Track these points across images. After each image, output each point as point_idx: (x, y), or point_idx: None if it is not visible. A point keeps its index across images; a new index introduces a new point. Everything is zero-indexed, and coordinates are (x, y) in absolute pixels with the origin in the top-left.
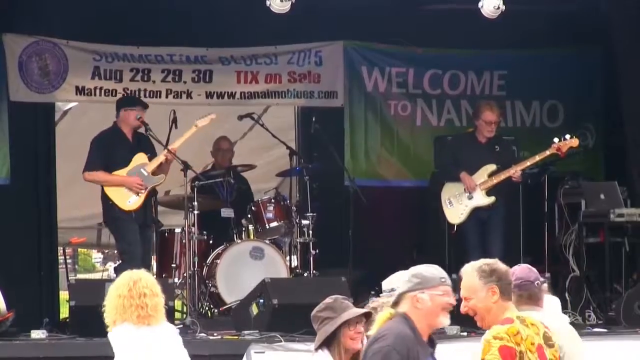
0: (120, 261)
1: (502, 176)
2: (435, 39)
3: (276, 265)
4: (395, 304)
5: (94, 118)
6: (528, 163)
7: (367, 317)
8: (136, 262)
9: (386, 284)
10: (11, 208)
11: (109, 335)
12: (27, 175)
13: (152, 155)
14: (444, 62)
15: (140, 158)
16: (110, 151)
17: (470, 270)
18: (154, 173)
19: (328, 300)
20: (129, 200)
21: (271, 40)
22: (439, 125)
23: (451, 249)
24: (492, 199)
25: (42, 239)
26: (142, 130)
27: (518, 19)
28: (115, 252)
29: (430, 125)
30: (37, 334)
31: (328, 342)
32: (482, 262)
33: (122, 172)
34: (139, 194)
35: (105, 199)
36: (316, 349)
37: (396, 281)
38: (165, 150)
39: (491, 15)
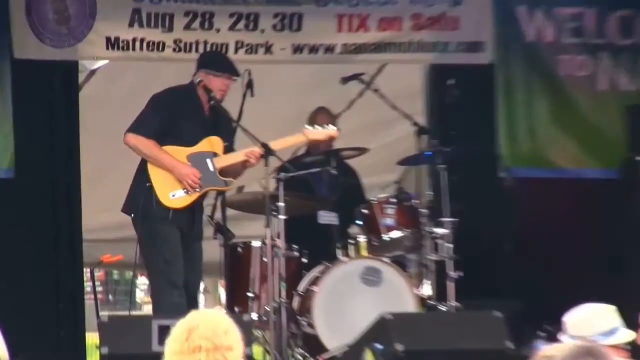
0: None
1: None
2: None
3: (399, 293)
4: None
5: (133, 83)
6: None
7: None
8: (177, 290)
9: (577, 322)
10: (16, 212)
11: None
12: (38, 165)
13: (229, 145)
14: None
15: (213, 143)
16: (175, 118)
17: None
18: (222, 172)
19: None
20: (172, 193)
21: None
22: (631, 90)
23: None
24: None
25: (61, 256)
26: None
27: None
28: None
29: (619, 90)
30: None
31: None
32: None
33: (182, 153)
34: (189, 193)
35: (141, 178)
36: None
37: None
38: (252, 149)
39: None
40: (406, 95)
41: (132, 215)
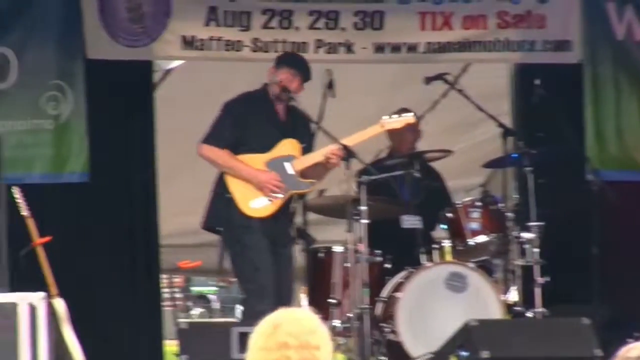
0: (243, 295)
1: None
2: None
3: (485, 300)
4: None
5: (209, 82)
6: None
7: None
8: (267, 298)
9: None
10: (91, 216)
11: None
12: (113, 168)
13: (308, 146)
14: None
15: (289, 146)
16: (248, 125)
17: None
18: (303, 174)
19: None
20: (253, 202)
21: None
22: None
23: None
24: None
25: (138, 262)
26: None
27: None
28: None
29: None
30: None
31: None
32: None
33: (258, 160)
34: (271, 200)
35: (219, 190)
36: None
37: None
38: (331, 148)
39: None
40: (491, 95)
41: (217, 228)
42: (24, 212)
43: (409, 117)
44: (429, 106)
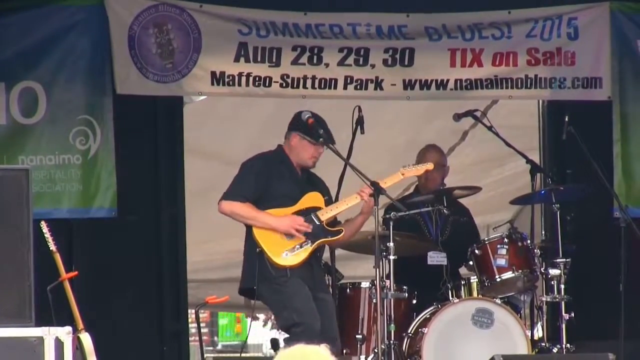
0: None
1: None
2: None
3: (511, 335)
4: None
5: (235, 100)
6: None
7: None
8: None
9: None
10: (118, 252)
11: None
12: (141, 204)
13: (329, 199)
14: None
15: (313, 199)
16: (270, 181)
17: None
18: (330, 224)
19: None
20: (285, 253)
21: (501, 3)
22: None
23: None
24: None
25: (165, 297)
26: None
27: None
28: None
29: None
30: None
31: None
32: None
33: (283, 213)
34: (302, 246)
35: (249, 248)
36: None
37: None
38: (366, 191)
39: None
40: (521, 130)
41: (254, 287)
42: (52, 246)
43: (427, 165)
44: (459, 138)
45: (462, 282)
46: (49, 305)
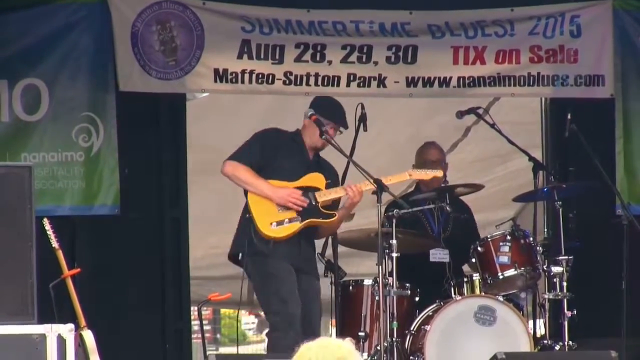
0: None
1: None
2: None
3: (513, 333)
4: None
5: (227, 111)
6: None
7: None
8: (294, 330)
9: None
10: (121, 249)
11: None
12: (144, 202)
13: (332, 183)
14: None
15: (315, 179)
16: (277, 155)
17: None
18: (325, 206)
19: None
20: (273, 224)
21: (504, 1)
22: None
23: None
24: None
25: (167, 294)
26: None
27: None
28: None
29: None
30: None
31: None
32: None
33: (283, 185)
34: (291, 221)
35: (243, 213)
36: None
37: None
38: (357, 186)
39: None
40: (523, 127)
41: (239, 255)
42: (54, 244)
43: (437, 172)
44: (461, 134)
45: (465, 280)
46: (52, 302)
